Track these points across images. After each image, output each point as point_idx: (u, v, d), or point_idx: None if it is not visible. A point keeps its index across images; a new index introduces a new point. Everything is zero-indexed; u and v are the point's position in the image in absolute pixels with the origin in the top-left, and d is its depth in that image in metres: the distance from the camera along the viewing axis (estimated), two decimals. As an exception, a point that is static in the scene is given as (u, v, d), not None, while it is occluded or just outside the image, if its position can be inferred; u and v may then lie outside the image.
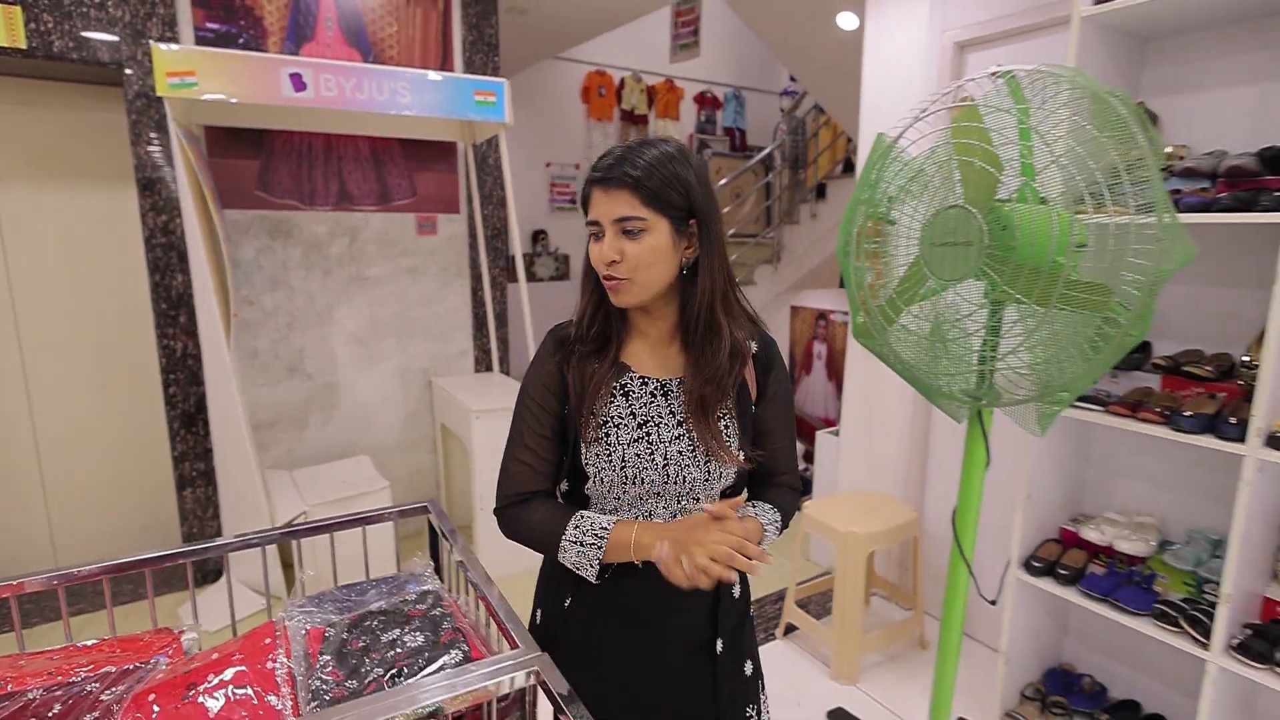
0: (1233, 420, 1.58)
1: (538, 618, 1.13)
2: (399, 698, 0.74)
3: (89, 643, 0.98)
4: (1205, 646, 1.61)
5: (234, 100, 2.17)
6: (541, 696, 0.82)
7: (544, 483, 1.03)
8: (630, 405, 1.00)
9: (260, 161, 2.86)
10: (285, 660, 0.92)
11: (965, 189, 1.32)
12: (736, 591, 1.08)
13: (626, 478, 0.99)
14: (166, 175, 2.64)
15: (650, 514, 1.01)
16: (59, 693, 0.89)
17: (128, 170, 2.76)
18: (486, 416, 2.84)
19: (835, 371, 4.21)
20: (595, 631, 1.05)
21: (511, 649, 0.86)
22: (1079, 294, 1.19)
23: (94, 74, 2.60)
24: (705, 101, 7.49)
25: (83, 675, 0.92)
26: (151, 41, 2.41)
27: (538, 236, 6.58)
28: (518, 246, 2.93)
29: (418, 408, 3.43)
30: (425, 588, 1.12)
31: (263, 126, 2.82)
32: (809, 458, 4.06)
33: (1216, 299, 1.85)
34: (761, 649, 2.62)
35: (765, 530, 0.99)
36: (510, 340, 3.71)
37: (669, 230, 0.94)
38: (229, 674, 0.86)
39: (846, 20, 3.91)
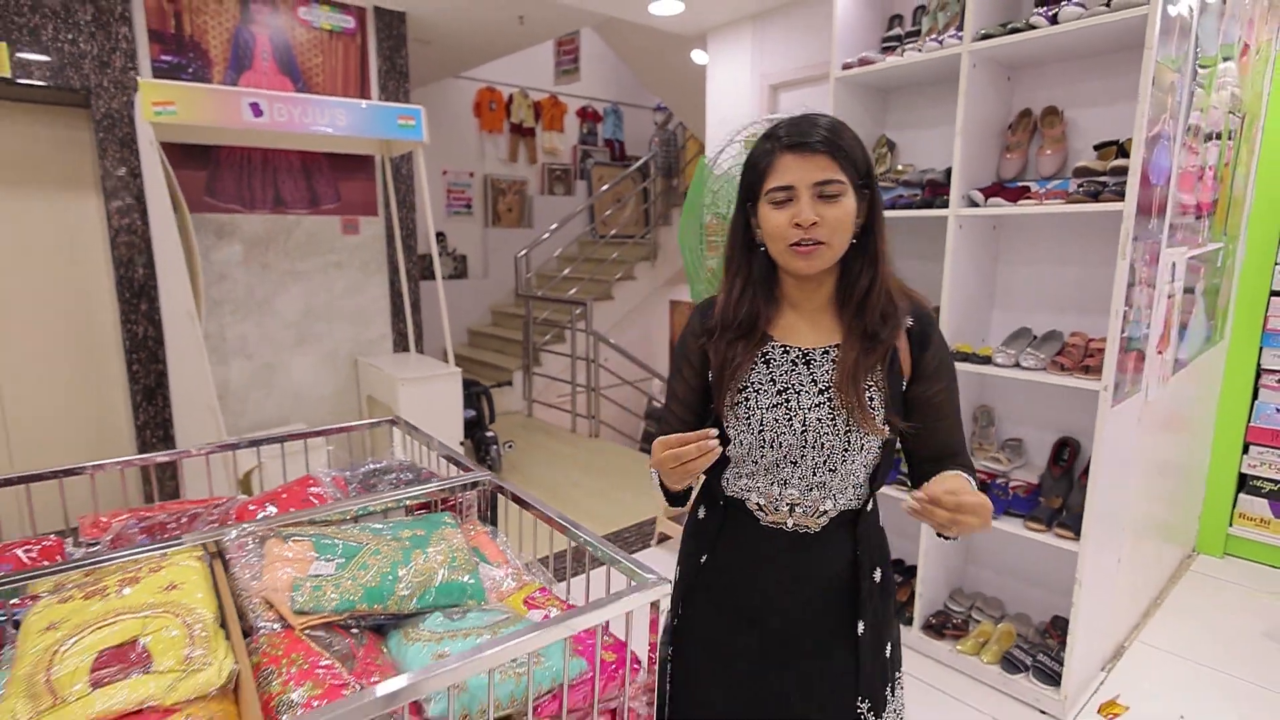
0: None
1: (676, 574, 1.17)
2: (402, 493, 1.45)
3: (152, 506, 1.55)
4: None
5: (205, 125, 2.72)
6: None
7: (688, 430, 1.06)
8: (771, 372, 1.02)
9: (208, 171, 3.35)
10: (325, 487, 1.58)
11: None
12: (878, 576, 1.06)
13: (765, 441, 1.01)
14: (129, 182, 3.10)
15: (786, 482, 1.02)
16: (163, 519, 1.48)
17: (90, 179, 3.18)
18: (410, 384, 3.46)
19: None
20: (731, 593, 1.08)
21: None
22: None
23: (65, 98, 3.02)
24: (587, 115, 8.27)
25: (163, 517, 1.51)
26: (140, 78, 2.89)
27: (438, 238, 7.13)
28: (434, 247, 3.58)
29: (345, 384, 3.98)
30: (402, 459, 1.82)
31: (218, 143, 3.32)
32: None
33: (929, 270, 2.80)
34: (639, 556, 3.39)
35: (966, 479, 0.97)
36: (424, 325, 4.32)
37: (854, 196, 0.96)
38: (287, 496, 1.50)
39: (700, 57, 4.82)
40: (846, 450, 0.99)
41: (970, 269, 2.43)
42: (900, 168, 2.74)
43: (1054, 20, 2.00)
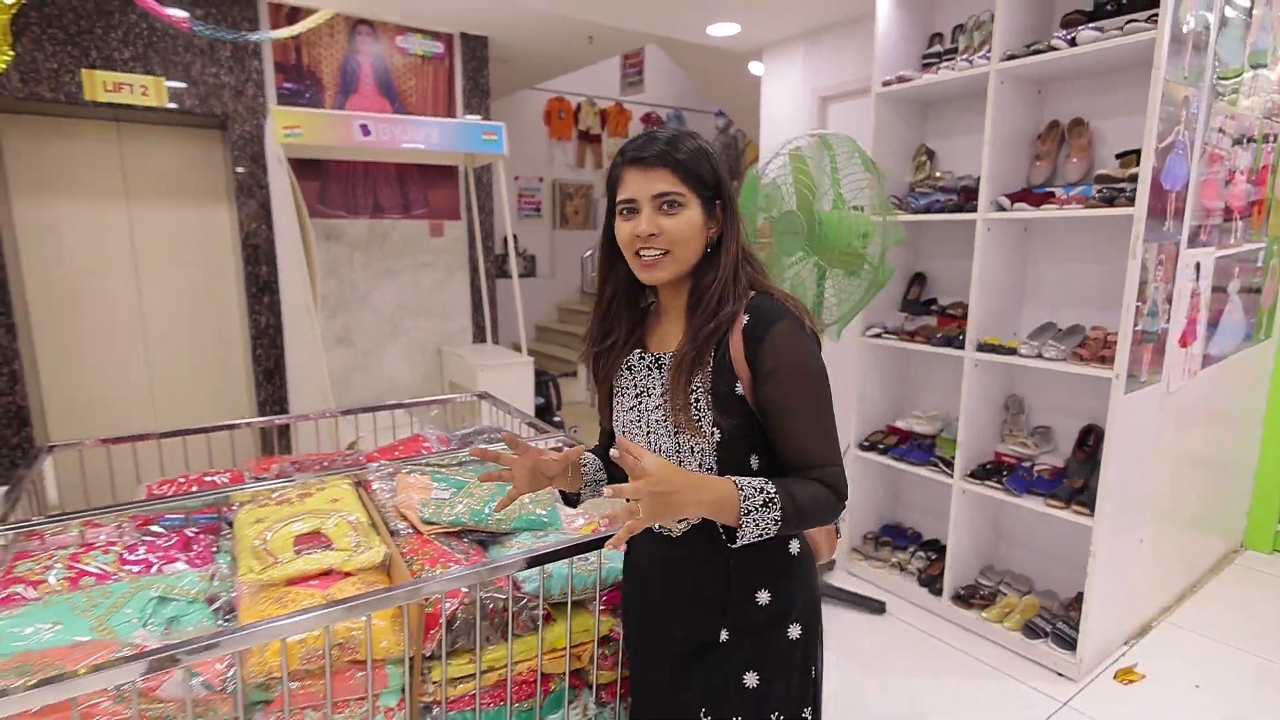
0: (961, 338, 2.71)
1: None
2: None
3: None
4: (950, 476, 2.75)
5: (324, 144, 3.17)
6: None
7: (603, 447, 1.20)
8: (632, 378, 1.06)
9: (320, 182, 3.84)
10: (432, 443, 1.95)
11: (797, 200, 2.47)
12: (764, 598, 1.01)
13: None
14: (255, 193, 3.61)
15: None
16: (308, 463, 1.90)
17: (223, 190, 3.71)
18: (489, 370, 3.86)
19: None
20: (632, 583, 1.16)
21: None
22: (852, 260, 2.35)
23: (207, 122, 3.55)
24: (650, 121, 8.60)
25: (308, 462, 1.91)
26: (270, 105, 3.38)
27: (508, 240, 7.60)
28: (512, 249, 3.98)
29: (430, 371, 4.43)
30: (490, 424, 2.18)
31: (329, 158, 3.81)
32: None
33: (965, 268, 3.00)
34: None
35: (742, 491, 0.88)
36: (499, 320, 4.74)
37: (700, 208, 0.98)
38: (403, 449, 1.88)
39: (757, 68, 5.07)
40: (679, 453, 0.99)
41: (1000, 268, 2.63)
42: (938, 174, 2.95)
43: (1073, 43, 2.19)
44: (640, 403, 1.04)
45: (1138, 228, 2.08)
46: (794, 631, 1.04)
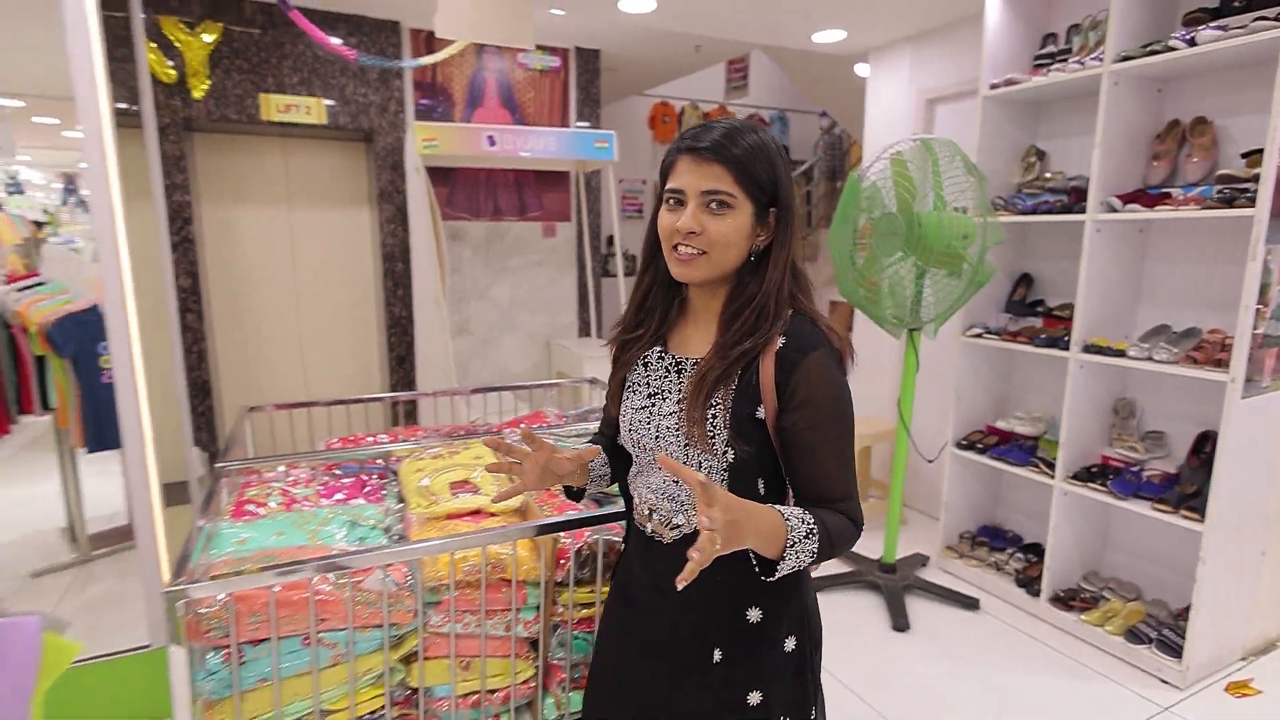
0: (1065, 339, 2.70)
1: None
2: None
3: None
4: (1051, 476, 2.73)
5: (455, 155, 3.53)
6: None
7: (606, 436, 1.18)
8: (647, 375, 1.02)
9: (448, 188, 4.23)
10: (552, 418, 2.18)
11: (897, 202, 2.56)
12: (755, 617, 0.99)
13: (632, 441, 1.03)
14: (393, 198, 4.03)
15: (650, 486, 1.03)
16: (447, 432, 2.18)
17: (366, 196, 4.17)
18: (593, 361, 4.12)
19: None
20: (623, 582, 1.12)
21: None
22: (951, 259, 2.42)
23: (355, 136, 4.01)
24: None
25: (447, 431, 2.20)
26: (410, 120, 3.79)
27: (611, 240, 7.90)
28: (619, 250, 4.22)
29: (540, 360, 4.76)
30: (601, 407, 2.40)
31: (457, 166, 4.20)
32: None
33: (1076, 270, 2.97)
34: None
35: (789, 521, 0.84)
36: (603, 315, 5.00)
37: (751, 213, 0.93)
38: (528, 421, 2.12)
39: (863, 69, 5.09)
40: (686, 464, 0.94)
41: (1112, 269, 2.59)
42: (1048, 175, 2.92)
43: (1192, 43, 2.16)
44: (653, 404, 0.99)
45: (1259, 229, 2.04)
46: (789, 644, 1.01)
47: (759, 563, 0.86)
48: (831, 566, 3.17)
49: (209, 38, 3.48)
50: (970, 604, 2.79)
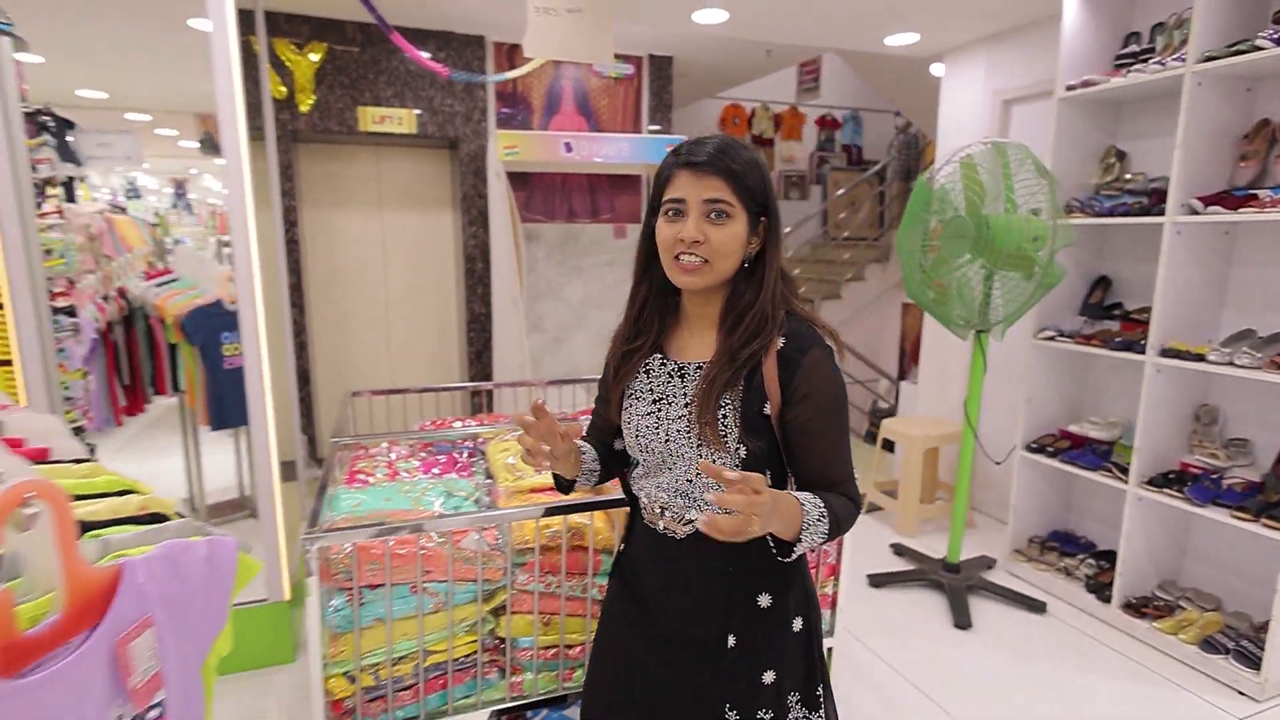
0: (1142, 343, 2.65)
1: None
2: None
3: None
4: (1124, 481, 2.69)
5: (535, 161, 3.73)
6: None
7: (595, 440, 1.18)
8: (650, 382, 1.06)
9: (526, 192, 4.45)
10: None
11: (966, 205, 2.59)
12: (765, 602, 1.04)
13: (640, 446, 1.06)
14: (475, 202, 4.28)
15: (660, 486, 1.06)
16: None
17: (450, 200, 4.44)
18: (664, 361, 4.26)
19: (924, 344, 5.27)
20: (629, 584, 1.14)
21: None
22: (1021, 262, 2.44)
23: (441, 144, 4.29)
24: (826, 123, 8.62)
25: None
26: (493, 128, 4.03)
27: (682, 241, 8.03)
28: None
29: (610, 359, 4.94)
30: None
31: (534, 171, 4.42)
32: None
33: (1154, 273, 2.90)
34: None
35: (804, 506, 0.91)
36: (673, 315, 5.14)
37: (746, 222, 0.98)
38: None
39: (938, 69, 5.03)
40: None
41: (1193, 272, 2.54)
42: (1129, 176, 2.87)
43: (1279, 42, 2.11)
44: (659, 409, 1.04)
45: (1349, 229, 1.98)
46: (797, 624, 1.07)
47: (776, 544, 0.92)
48: (893, 563, 3.20)
49: (315, 57, 3.80)
50: (1036, 607, 2.78)
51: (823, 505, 0.93)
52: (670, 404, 1.03)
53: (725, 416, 0.98)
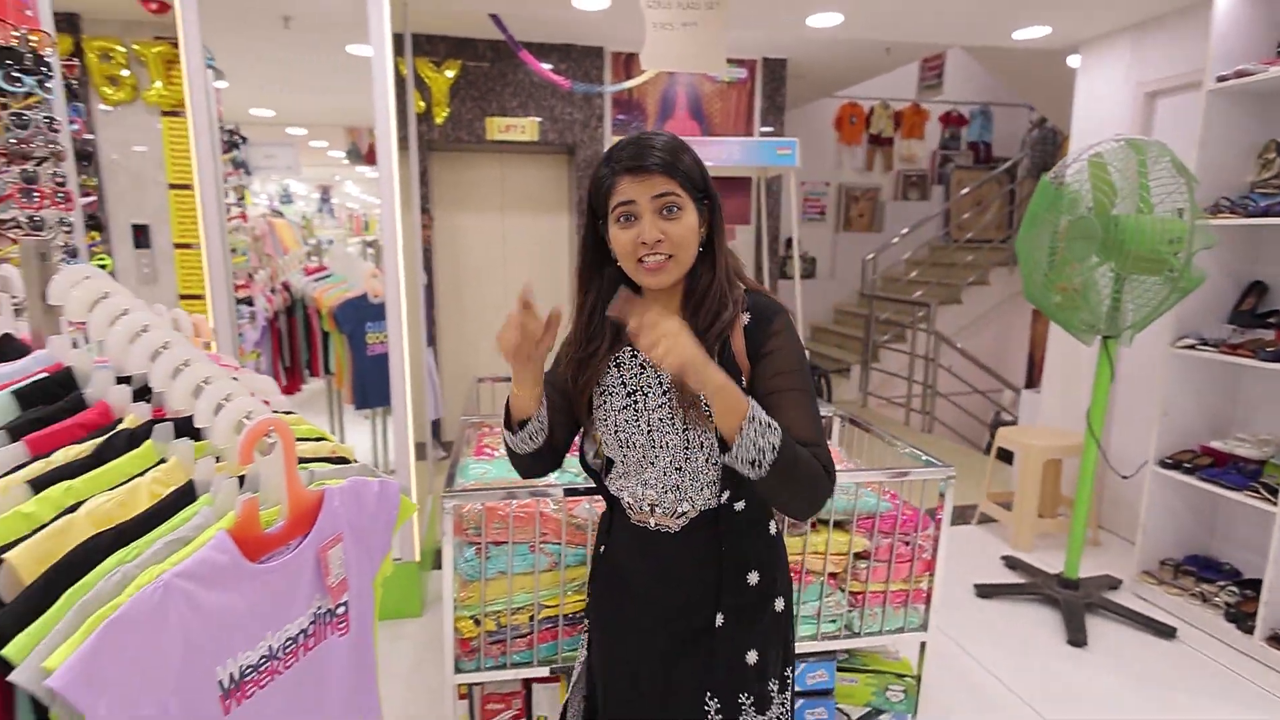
0: (1300, 354, 2.43)
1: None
2: None
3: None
4: (1275, 504, 2.47)
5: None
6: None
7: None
8: (621, 376, 1.05)
9: (639, 195, 4.63)
10: None
11: (1094, 205, 2.49)
12: (754, 579, 1.06)
13: (620, 442, 1.05)
14: (592, 205, 4.50)
15: (646, 483, 1.05)
16: None
17: (566, 203, 4.68)
18: (769, 361, 4.29)
19: (1050, 351, 4.98)
20: (614, 584, 1.14)
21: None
22: (1154, 264, 2.33)
23: (560, 150, 4.54)
24: (950, 120, 8.27)
25: None
26: (610, 135, 4.24)
27: (790, 242, 7.96)
28: (796, 253, 4.35)
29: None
30: None
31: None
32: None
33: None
34: (955, 531, 3.67)
35: (752, 405, 0.91)
36: (780, 316, 5.15)
37: (695, 210, 0.98)
38: None
39: (1075, 60, 4.75)
40: (688, 448, 1.01)
41: (1365, 276, 2.30)
42: (1291, 172, 2.63)
43: None
44: (635, 401, 1.03)
45: None
46: (779, 604, 1.09)
47: (718, 438, 0.94)
48: (1003, 576, 3.09)
49: (450, 73, 4.14)
50: (1165, 631, 2.60)
51: (778, 426, 0.91)
52: (647, 394, 1.03)
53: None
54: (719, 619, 1.04)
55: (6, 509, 0.70)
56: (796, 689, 1.62)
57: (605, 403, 1.06)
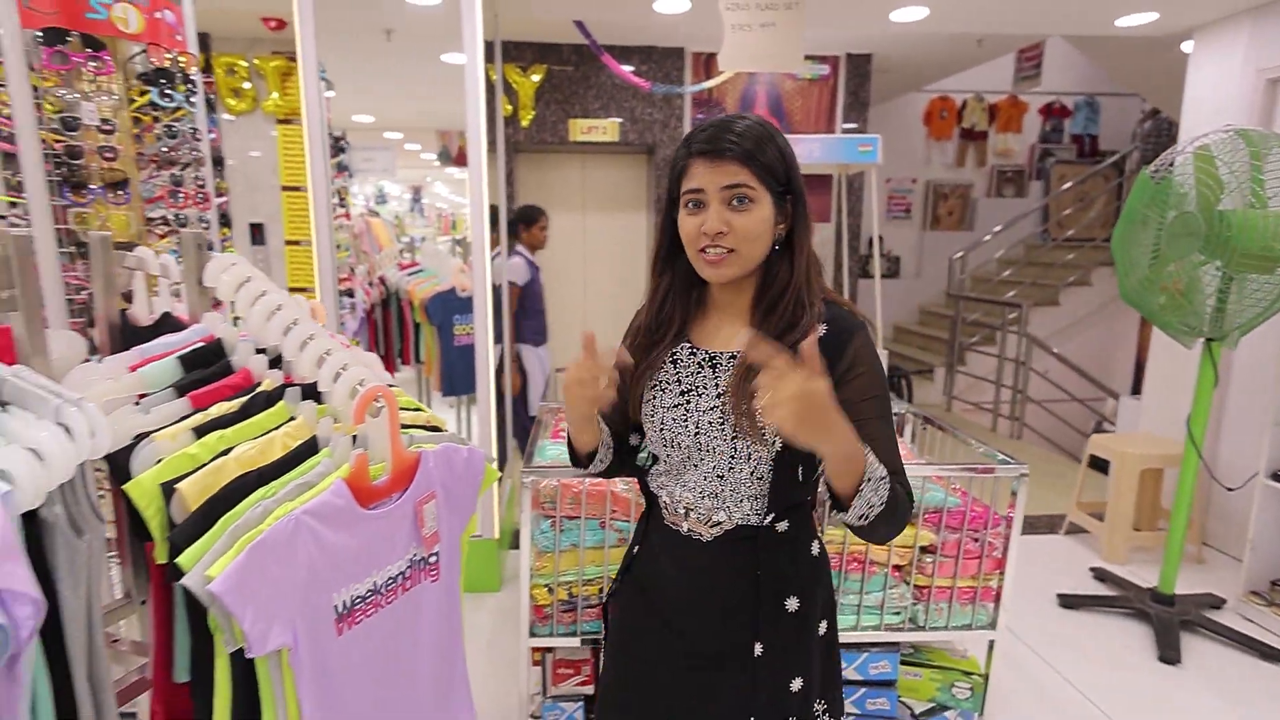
0: None
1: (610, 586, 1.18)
2: None
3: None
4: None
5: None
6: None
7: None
8: (677, 373, 1.01)
9: (717, 193, 4.68)
10: None
11: (1198, 201, 2.38)
12: (793, 605, 1.00)
13: (665, 440, 1.01)
14: (671, 204, 4.59)
15: (686, 485, 1.01)
16: None
17: (644, 202, 4.79)
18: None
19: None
20: (645, 586, 1.08)
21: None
22: (1264, 262, 2.21)
23: (639, 150, 4.65)
24: (1052, 112, 7.86)
25: None
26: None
27: (872, 241, 7.78)
28: (877, 252, 4.29)
29: (792, 357, 5.01)
30: None
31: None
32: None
33: None
34: (1041, 540, 3.52)
35: (869, 457, 0.86)
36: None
37: (771, 204, 0.93)
38: None
39: (1188, 46, 4.46)
40: (733, 457, 0.96)
41: None
42: None
43: None
44: (688, 400, 0.98)
45: None
46: (822, 628, 1.04)
47: (831, 496, 0.89)
48: (1090, 588, 2.96)
49: (536, 77, 4.32)
50: (1271, 654, 2.44)
51: (885, 474, 0.87)
52: (700, 395, 0.98)
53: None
54: (758, 648, 0.99)
55: (177, 450, 0.85)
56: (858, 677, 1.66)
57: (656, 398, 1.01)
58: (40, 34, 1.68)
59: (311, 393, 1.00)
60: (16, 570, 0.69)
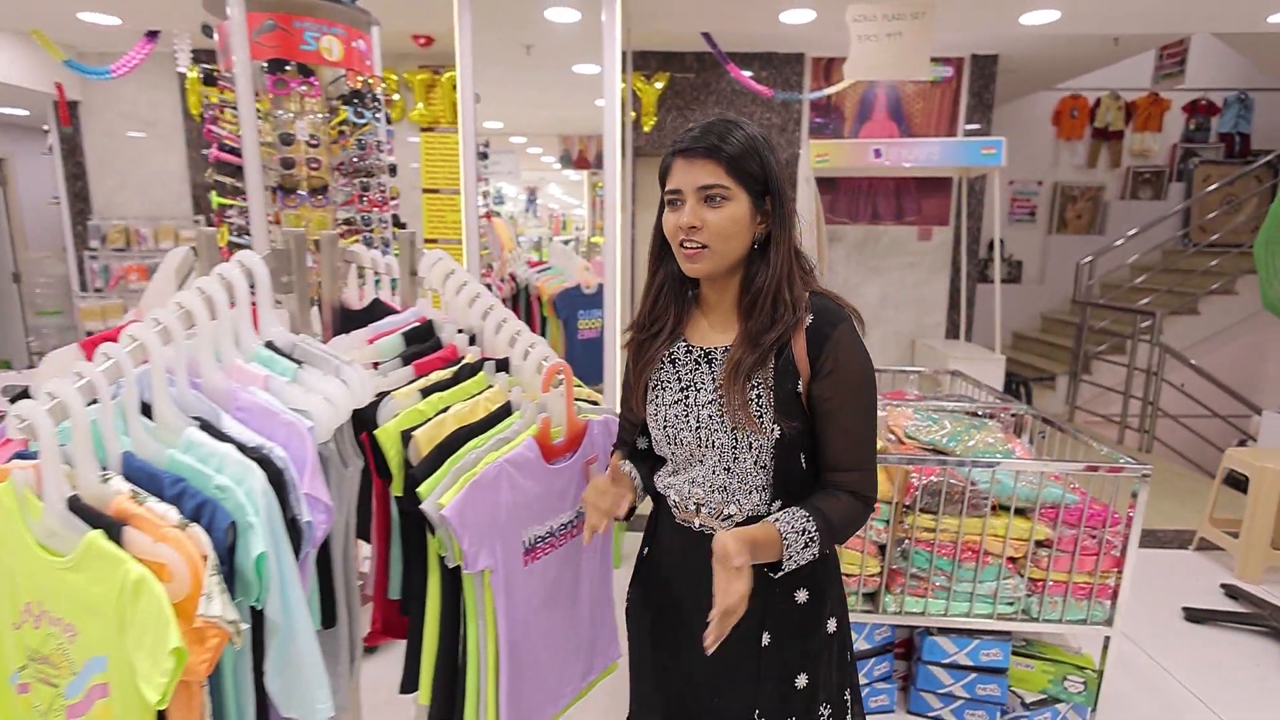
0: None
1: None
2: (968, 402, 2.23)
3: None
4: None
5: (843, 167, 3.98)
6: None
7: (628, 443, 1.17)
8: (676, 371, 1.05)
9: (831, 195, 4.71)
10: (911, 397, 2.47)
11: None
12: (802, 597, 1.04)
13: (669, 438, 1.05)
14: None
15: (694, 481, 1.04)
16: None
17: (759, 204, 4.90)
18: (958, 361, 4.17)
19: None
20: (657, 583, 1.14)
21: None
22: None
23: (754, 152, 4.77)
24: (1198, 109, 7.29)
25: None
26: (810, 141, 4.40)
27: (992, 245, 7.49)
28: (998, 255, 4.20)
29: (903, 357, 4.95)
30: (962, 394, 2.58)
31: (841, 175, 4.66)
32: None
33: None
34: (1169, 554, 3.35)
35: (785, 540, 0.93)
36: (974, 321, 4.95)
37: (747, 203, 0.96)
38: (890, 395, 2.45)
39: (1364, 34, 4.08)
40: (735, 449, 0.99)
41: None
42: None
43: None
44: (687, 396, 1.03)
45: None
46: (831, 625, 1.07)
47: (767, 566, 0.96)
48: (1219, 603, 2.82)
49: (659, 84, 4.52)
50: None
51: (814, 531, 0.94)
52: (699, 390, 1.02)
53: (759, 397, 0.97)
54: (765, 638, 1.02)
55: (409, 406, 1.08)
56: (969, 663, 1.73)
57: (658, 396, 1.05)
58: (265, 64, 2.02)
59: (503, 366, 1.21)
60: (318, 484, 0.92)
